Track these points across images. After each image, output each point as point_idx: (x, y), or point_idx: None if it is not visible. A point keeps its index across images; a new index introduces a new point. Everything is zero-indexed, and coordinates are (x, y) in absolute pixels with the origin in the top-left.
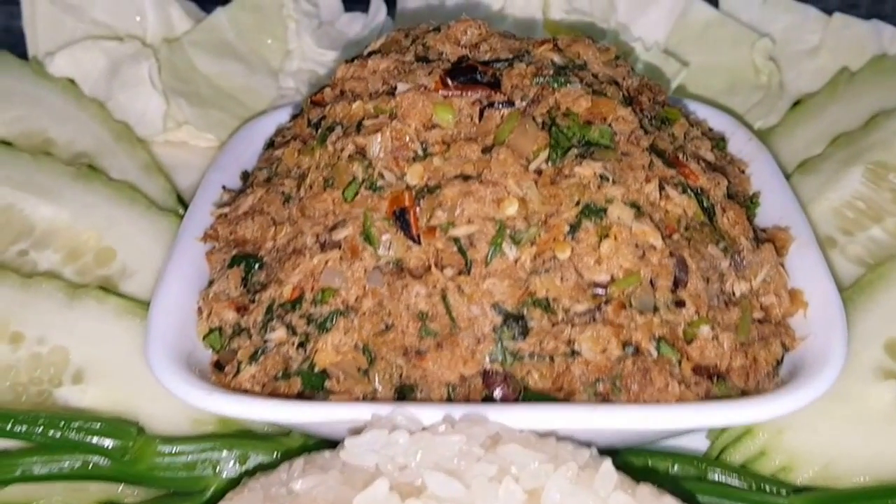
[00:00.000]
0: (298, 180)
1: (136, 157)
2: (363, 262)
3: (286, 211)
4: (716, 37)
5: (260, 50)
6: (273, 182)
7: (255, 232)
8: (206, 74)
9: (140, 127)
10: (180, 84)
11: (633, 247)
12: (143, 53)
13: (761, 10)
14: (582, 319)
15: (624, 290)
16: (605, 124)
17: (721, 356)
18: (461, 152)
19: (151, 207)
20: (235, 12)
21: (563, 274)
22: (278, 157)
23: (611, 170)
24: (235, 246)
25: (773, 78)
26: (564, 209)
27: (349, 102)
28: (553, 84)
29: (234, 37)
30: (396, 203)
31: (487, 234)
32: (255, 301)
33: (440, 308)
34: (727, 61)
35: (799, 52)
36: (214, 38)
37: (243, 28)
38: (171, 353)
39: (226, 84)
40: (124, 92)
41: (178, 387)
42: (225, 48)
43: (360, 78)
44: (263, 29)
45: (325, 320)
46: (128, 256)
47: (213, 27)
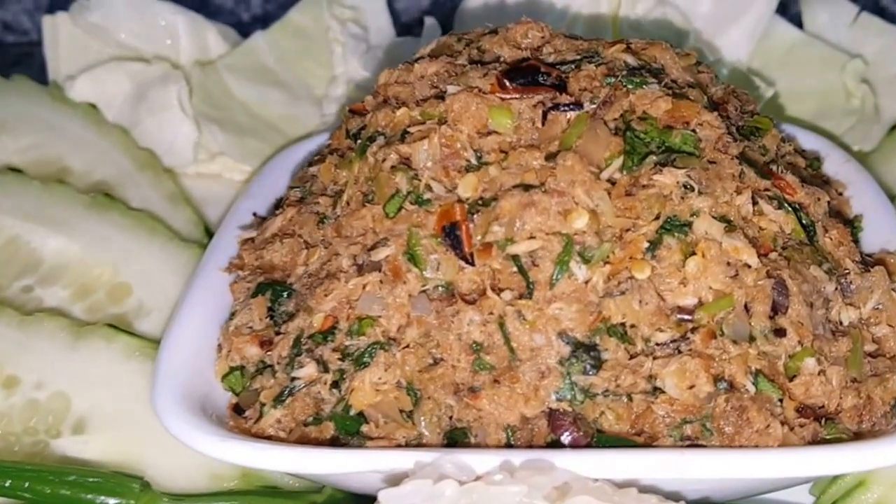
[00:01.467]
0: (335, 198)
1: (160, 187)
2: (407, 287)
3: (320, 232)
4: (802, 59)
5: (303, 76)
6: (306, 201)
7: (285, 256)
8: (243, 101)
9: (169, 156)
10: (214, 110)
11: (723, 265)
12: (173, 76)
13: (850, 33)
14: (665, 350)
15: (714, 315)
16: (687, 129)
17: (829, 394)
18: (521, 160)
19: (174, 239)
20: (276, 36)
21: (641, 297)
22: (313, 174)
23: (696, 179)
24: (262, 273)
25: (866, 101)
26: (642, 223)
27: (393, 110)
28: (627, 85)
29: (275, 62)
30: (446, 218)
31: (552, 252)
32: (280, 333)
33: (497, 338)
34: (815, 84)
35: (893, 76)
36: (253, 63)
37: (285, 53)
38: (181, 394)
39: (264, 112)
40: (151, 117)
41: (185, 431)
42: (264, 73)
43: (405, 83)
44: (307, 54)
45: (363, 354)
46: (145, 293)
47: (252, 51)
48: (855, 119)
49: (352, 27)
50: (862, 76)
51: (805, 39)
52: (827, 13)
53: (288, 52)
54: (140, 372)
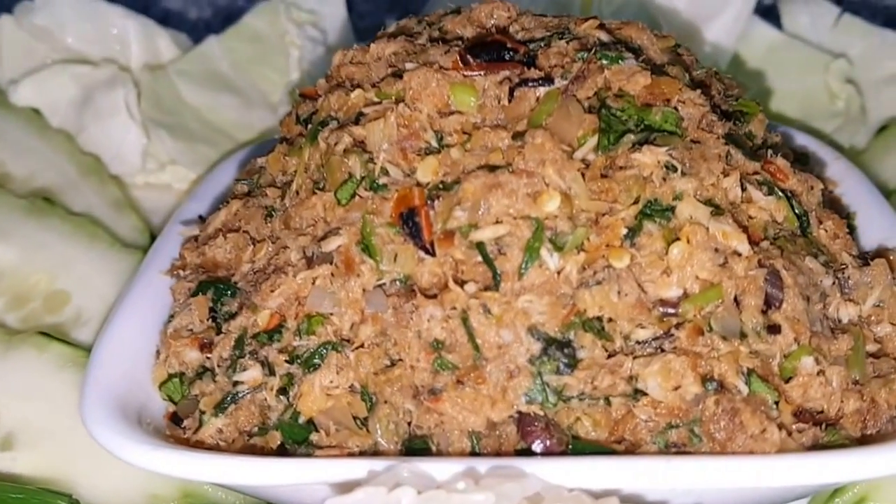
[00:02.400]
0: (284, 189)
1: (104, 194)
2: (361, 280)
3: (268, 226)
4: (782, 60)
5: (258, 82)
6: (253, 194)
7: (229, 253)
8: (195, 107)
9: (115, 163)
10: (163, 115)
11: (710, 252)
12: (120, 80)
13: (832, 34)
14: (647, 348)
15: (701, 308)
16: (668, 107)
17: (830, 397)
18: (486, 141)
19: (115, 245)
20: (230, 42)
21: (620, 288)
22: (262, 165)
23: (679, 158)
24: (204, 272)
25: (851, 102)
26: (620, 207)
27: (347, 92)
28: (602, 60)
29: (229, 67)
30: (403, 203)
31: (521, 238)
32: (222, 333)
33: (460, 334)
34: (797, 86)
35: (878, 79)
36: (205, 69)
37: (239, 58)
38: (112, 403)
39: (217, 118)
40: (97, 123)
41: (113, 440)
42: (217, 79)
43: (360, 64)
44: (262, 59)
45: (312, 355)
46: (84, 301)
47: (205, 56)
48: (840, 120)
49: (310, 30)
50: (846, 77)
51: (785, 41)
52: (807, 14)
53: (242, 57)
54: (73, 383)
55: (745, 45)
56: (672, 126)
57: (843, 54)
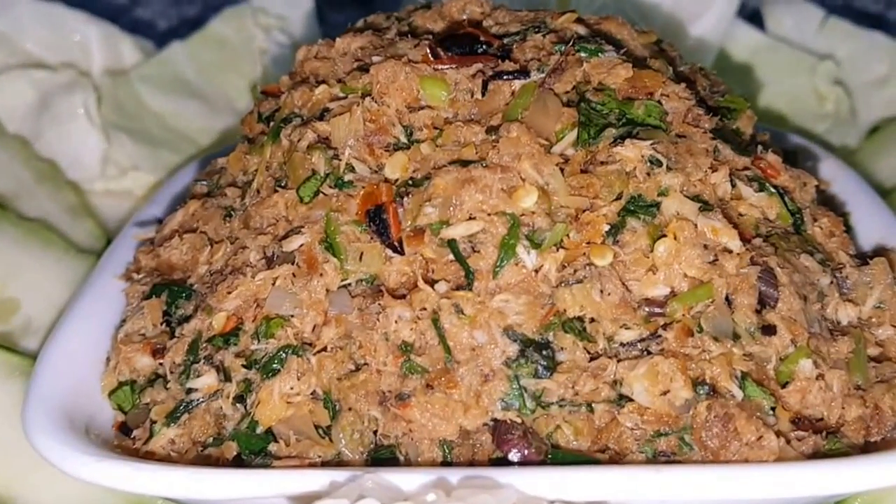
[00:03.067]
0: (244, 188)
1: (60, 199)
2: (324, 280)
3: (227, 227)
4: (767, 62)
5: (224, 88)
6: (213, 195)
7: (185, 255)
8: (158, 113)
9: (74, 169)
10: (125, 120)
11: (699, 249)
12: (80, 84)
13: (818, 37)
14: (632, 350)
15: (690, 308)
16: (651, 100)
17: (830, 403)
18: (458, 136)
19: (70, 251)
20: (196, 47)
21: (603, 286)
22: (222, 165)
23: (664, 152)
24: (159, 275)
25: (841, 105)
26: (602, 203)
27: (311, 88)
28: (580, 52)
29: (194, 74)
30: (370, 200)
31: (495, 235)
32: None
33: (430, 336)
34: (783, 89)
35: (867, 81)
36: (169, 74)
37: (205, 64)
38: (57, 412)
39: (181, 124)
40: (55, 128)
41: (54, 450)
42: (181, 85)
43: (325, 59)
44: (228, 65)
45: (272, 360)
46: (34, 309)
47: (169, 62)
48: (829, 123)
49: (278, 36)
50: (834, 78)
51: (770, 43)
52: (791, 17)
53: (208, 63)
54: (20, 393)
55: (729, 48)
56: (656, 120)
57: (829, 56)
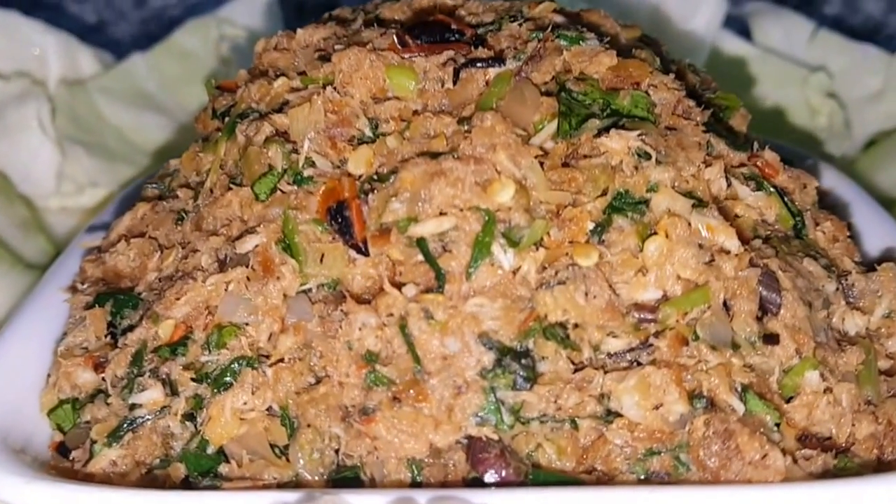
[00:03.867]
0: (197, 189)
1: (11, 214)
2: (281, 284)
3: (179, 231)
4: (757, 75)
5: (187, 101)
6: (165, 198)
7: (133, 261)
8: (117, 126)
9: (26, 183)
10: (82, 133)
11: (694, 248)
12: (33, 94)
13: (809, 50)
14: (621, 360)
15: (685, 313)
16: (638, 91)
17: (839, 419)
18: (428, 128)
19: (17, 266)
20: (157, 59)
21: (588, 289)
22: (175, 167)
23: (653, 145)
24: (106, 284)
25: (834, 118)
26: (585, 199)
27: (269, 81)
28: (561, 40)
29: (156, 86)
30: (331, 196)
31: (469, 233)
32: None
33: (398, 344)
34: (775, 102)
35: (861, 95)
36: (129, 87)
37: (167, 76)
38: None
39: (140, 138)
40: (6, 138)
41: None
42: (142, 98)
43: (286, 50)
44: (192, 78)
45: (223, 373)
46: None
47: (129, 74)
48: (823, 136)
49: (242, 44)
50: (827, 91)
51: (759, 55)
52: (780, 28)
53: (170, 75)
54: None
55: (717, 60)
56: (643, 111)
57: (821, 67)
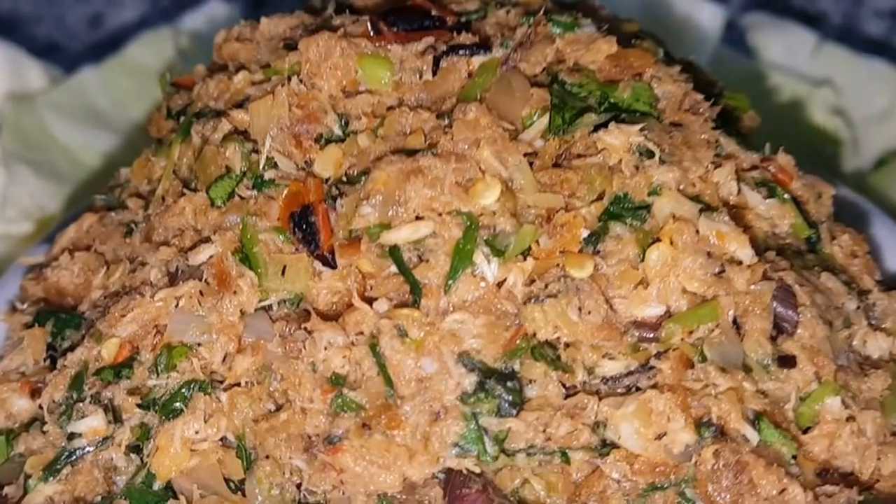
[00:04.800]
0: (148, 198)
1: None
2: (238, 299)
3: (128, 245)
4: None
5: (140, 119)
6: (114, 208)
7: (76, 278)
8: (66, 146)
9: None
10: (27, 151)
11: (702, 257)
12: None
13: (812, 65)
14: (619, 383)
15: (690, 331)
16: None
17: (864, 451)
18: (404, 125)
19: None
20: (109, 74)
21: (581, 304)
22: (126, 176)
23: (656, 141)
24: (47, 302)
25: (841, 135)
26: (579, 203)
27: (229, 76)
28: (554, 27)
29: (108, 103)
30: (295, 201)
31: (448, 240)
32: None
33: (368, 366)
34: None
35: (867, 114)
36: (79, 104)
37: (120, 92)
38: None
39: (92, 158)
40: None
41: None
42: (93, 116)
43: (249, 41)
44: (146, 94)
45: (172, 398)
46: None
47: (79, 90)
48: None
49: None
50: (833, 107)
51: (759, 69)
52: (781, 42)
53: (124, 91)
54: None
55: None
56: (645, 105)
57: (826, 82)
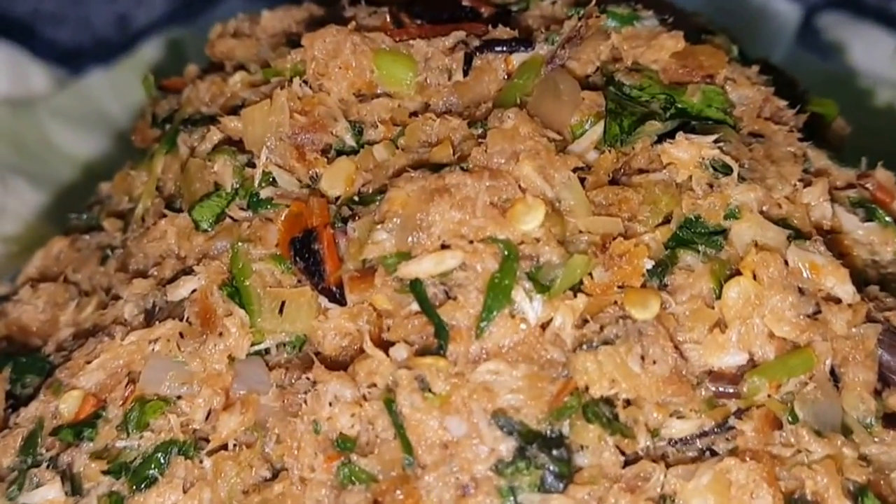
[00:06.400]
0: (128, 217)
1: None
2: (226, 343)
3: (104, 273)
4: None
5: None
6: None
7: (42, 313)
8: (69, 154)
9: None
10: (23, 160)
11: (793, 295)
12: None
13: (893, 67)
14: (690, 448)
15: (778, 385)
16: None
17: None
18: (429, 134)
19: None
20: (121, 76)
21: (644, 352)
22: (107, 193)
23: (734, 155)
24: (9, 341)
25: None
26: (642, 227)
27: (224, 77)
28: (608, 20)
29: (119, 107)
30: (297, 225)
31: (481, 273)
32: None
33: (381, 426)
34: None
35: None
36: (86, 108)
37: (133, 97)
38: None
39: (98, 167)
40: None
41: None
42: (100, 121)
43: (248, 37)
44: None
45: (146, 464)
46: None
47: (87, 94)
48: None
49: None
50: None
51: (837, 74)
52: (860, 44)
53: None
54: None
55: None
56: (718, 112)
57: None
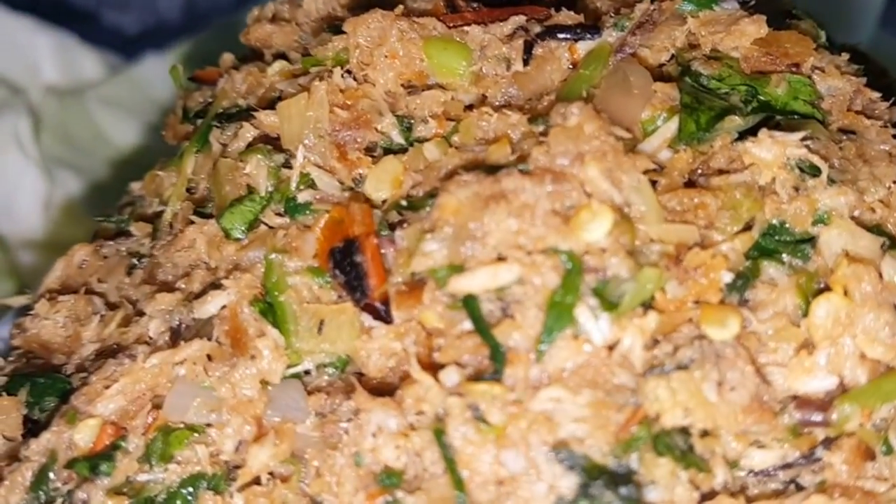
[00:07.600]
0: (156, 222)
1: None
2: (258, 366)
3: (130, 283)
4: None
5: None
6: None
7: (61, 328)
8: (119, 145)
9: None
10: (70, 152)
11: (888, 312)
12: (9, 105)
13: None
14: (772, 481)
15: (870, 412)
16: (798, 75)
17: None
18: (486, 130)
19: None
20: (178, 61)
21: (722, 377)
22: (138, 194)
23: (822, 153)
24: (29, 359)
25: None
26: (719, 236)
27: (261, 68)
28: (684, 3)
29: (171, 96)
30: (337, 233)
31: (541, 288)
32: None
33: (430, 459)
34: None
35: None
36: (137, 96)
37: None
38: None
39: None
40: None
41: None
42: (152, 109)
43: (285, 21)
44: None
45: (171, 499)
46: None
47: (138, 81)
48: None
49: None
50: None
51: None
52: None
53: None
54: None
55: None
56: (806, 105)
57: None
